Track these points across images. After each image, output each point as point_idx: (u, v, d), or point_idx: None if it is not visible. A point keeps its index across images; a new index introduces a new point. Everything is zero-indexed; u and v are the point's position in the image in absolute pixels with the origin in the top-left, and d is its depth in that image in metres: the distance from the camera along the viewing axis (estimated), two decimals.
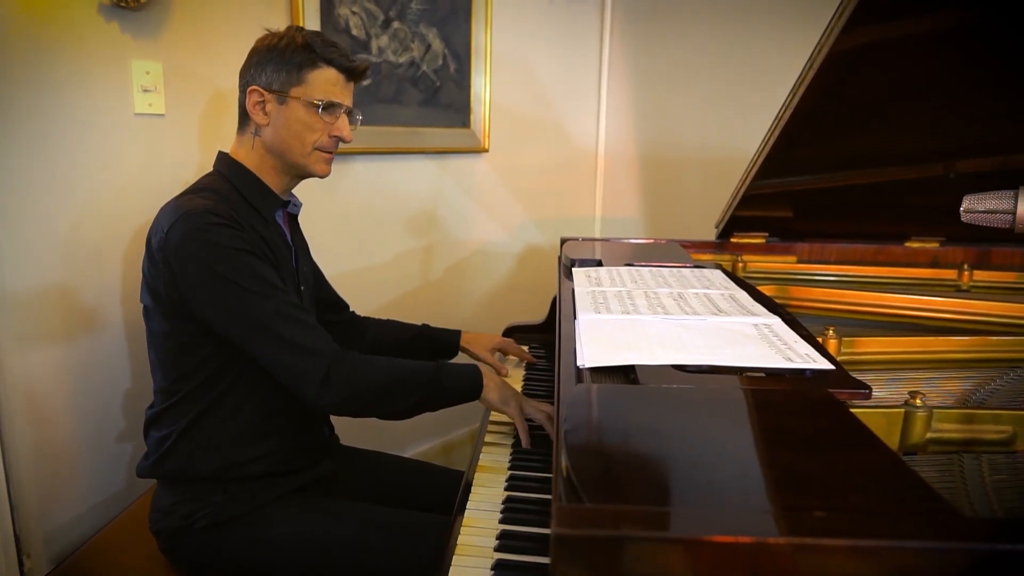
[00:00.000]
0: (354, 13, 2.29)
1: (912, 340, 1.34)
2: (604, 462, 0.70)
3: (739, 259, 1.96)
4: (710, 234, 2.15)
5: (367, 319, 1.84)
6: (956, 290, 1.90)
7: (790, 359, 1.02)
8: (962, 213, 1.20)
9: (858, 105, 1.61)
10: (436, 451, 2.83)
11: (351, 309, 1.83)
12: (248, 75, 1.41)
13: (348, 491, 1.58)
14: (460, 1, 2.62)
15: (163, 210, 1.35)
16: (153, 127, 1.80)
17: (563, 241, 2.08)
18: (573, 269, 1.65)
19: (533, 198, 3.06)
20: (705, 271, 1.62)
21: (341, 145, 1.47)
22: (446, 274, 2.76)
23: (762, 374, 0.98)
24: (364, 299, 2.46)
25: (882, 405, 1.00)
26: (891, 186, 1.94)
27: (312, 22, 2.16)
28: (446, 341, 1.83)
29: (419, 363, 1.38)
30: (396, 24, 2.42)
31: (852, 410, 0.94)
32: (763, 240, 2.05)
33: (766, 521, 0.59)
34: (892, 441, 0.98)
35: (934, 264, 2.01)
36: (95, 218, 1.72)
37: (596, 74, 3.25)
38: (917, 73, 1.53)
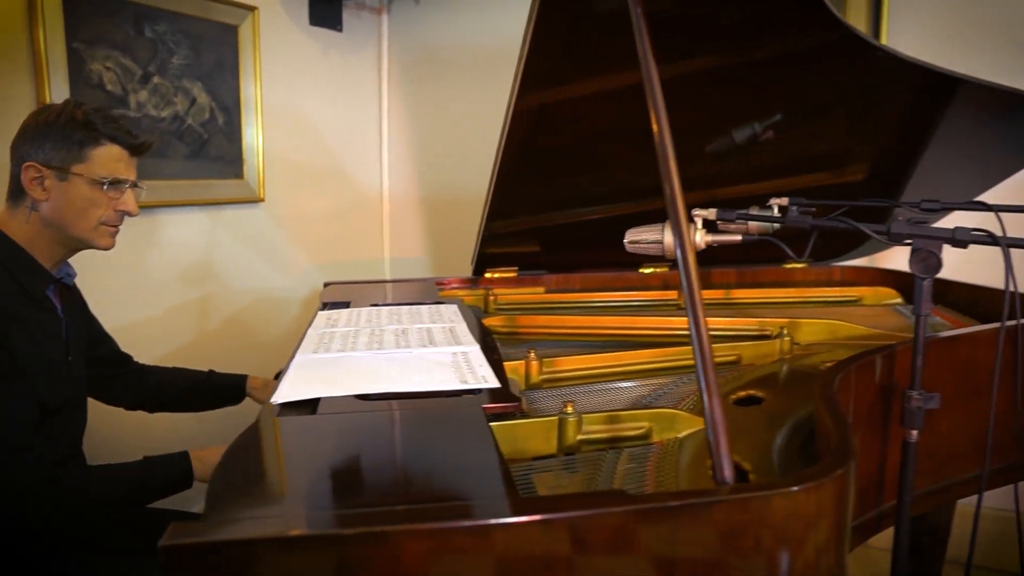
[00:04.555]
0: (108, 69, 2.28)
1: (603, 356, 1.53)
2: (236, 484, 0.79)
3: (490, 293, 2.12)
4: None
5: (153, 368, 1.85)
6: (677, 308, 2.15)
7: (466, 381, 1.16)
8: (626, 244, 1.41)
9: (567, 150, 1.82)
10: None
11: (135, 360, 1.83)
12: (22, 150, 1.38)
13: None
14: (226, 55, 2.66)
15: None
16: None
17: (326, 285, 2.16)
18: (319, 312, 1.74)
19: (319, 243, 3.12)
20: (442, 307, 1.76)
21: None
22: (226, 324, 2.76)
23: (440, 396, 1.11)
24: (137, 354, 2.42)
25: (543, 415, 1.15)
26: (621, 219, 2.18)
27: (59, 79, 2.13)
28: (232, 386, 1.87)
29: (127, 468, 1.41)
30: (156, 79, 2.43)
31: (515, 421, 1.10)
32: (514, 274, 2.24)
33: (347, 517, 0.70)
34: (551, 445, 1.13)
35: (664, 286, 2.27)
36: None
37: (377, 122, 3.38)
38: (613, 121, 1.76)
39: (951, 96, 1.79)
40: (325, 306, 1.82)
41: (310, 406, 1.08)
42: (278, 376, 2.13)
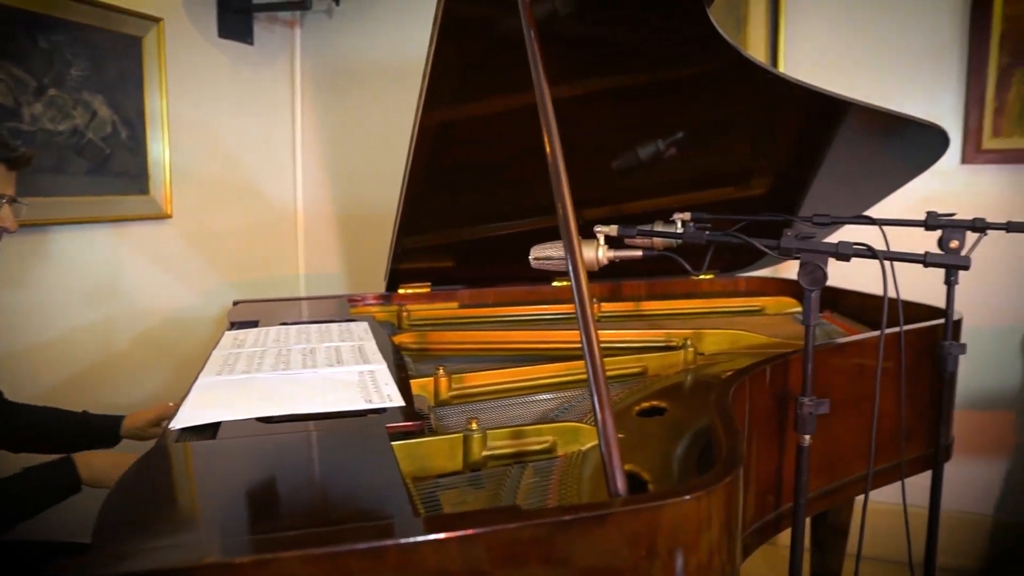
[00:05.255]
0: None
1: (512, 371, 1.55)
2: (126, 516, 0.78)
3: (404, 309, 2.11)
4: None
5: (21, 406, 1.73)
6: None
7: (371, 400, 1.16)
8: (531, 261, 1.43)
9: (476, 165, 1.84)
10: None
11: (3, 396, 1.73)
12: None
13: None
14: (130, 68, 2.58)
15: None
16: None
17: (235, 304, 2.12)
18: (225, 332, 1.70)
19: (231, 261, 3.05)
20: (352, 324, 1.75)
21: None
22: (133, 345, 2.67)
23: (344, 416, 1.10)
24: (33, 380, 2.32)
25: (451, 431, 1.16)
26: (534, 233, 2.21)
27: None
28: (105, 427, 1.74)
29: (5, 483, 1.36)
30: (53, 91, 2.34)
31: (420, 439, 1.11)
32: (428, 289, 2.24)
33: (238, 545, 0.70)
34: (457, 462, 1.14)
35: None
36: None
37: (290, 137, 3.33)
38: (522, 137, 1.78)
39: (841, 117, 1.89)
40: (233, 326, 1.79)
41: (211, 431, 1.06)
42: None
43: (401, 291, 2.22)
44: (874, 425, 1.31)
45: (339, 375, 1.30)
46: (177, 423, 1.07)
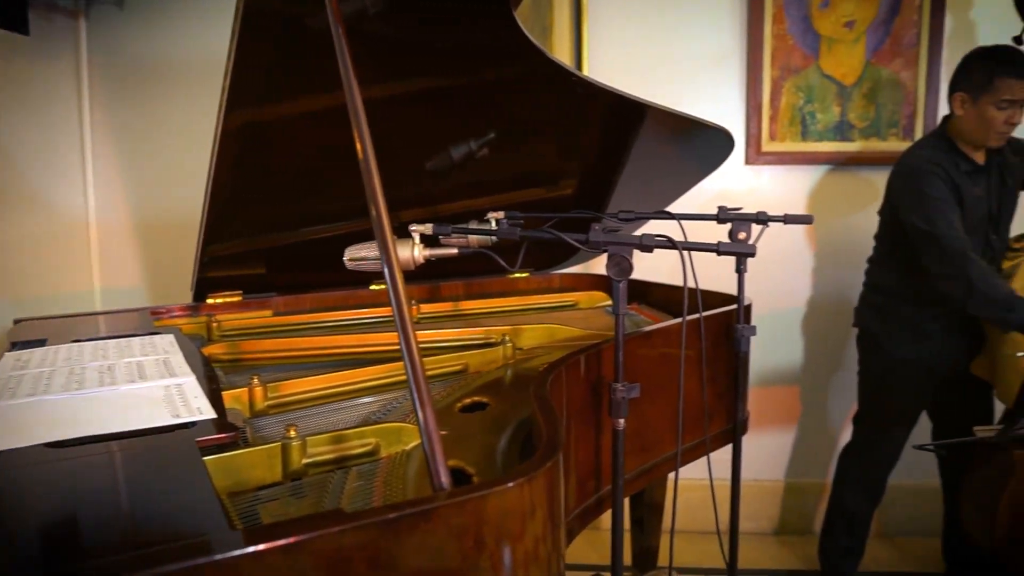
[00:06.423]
0: None
1: (330, 376, 1.52)
2: None
3: (213, 320, 2.00)
4: None
5: None
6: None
7: (179, 415, 1.09)
8: (346, 262, 1.40)
9: (287, 168, 1.78)
10: None
11: None
12: None
13: None
14: None
15: None
16: None
17: (16, 322, 1.91)
18: (5, 354, 1.53)
19: (10, 276, 2.76)
20: (156, 338, 1.63)
21: None
22: None
23: (149, 434, 1.03)
24: None
25: (269, 442, 1.12)
26: (351, 236, 2.17)
27: None
28: None
29: None
30: None
31: (235, 452, 1.05)
32: (239, 298, 2.13)
33: None
34: (275, 472, 1.10)
35: None
36: None
37: (78, 139, 3.05)
38: (334, 139, 1.74)
39: (641, 119, 2.01)
40: (14, 346, 1.61)
41: None
42: None
43: (210, 301, 2.09)
44: (680, 404, 1.41)
45: (142, 391, 1.21)
46: None
